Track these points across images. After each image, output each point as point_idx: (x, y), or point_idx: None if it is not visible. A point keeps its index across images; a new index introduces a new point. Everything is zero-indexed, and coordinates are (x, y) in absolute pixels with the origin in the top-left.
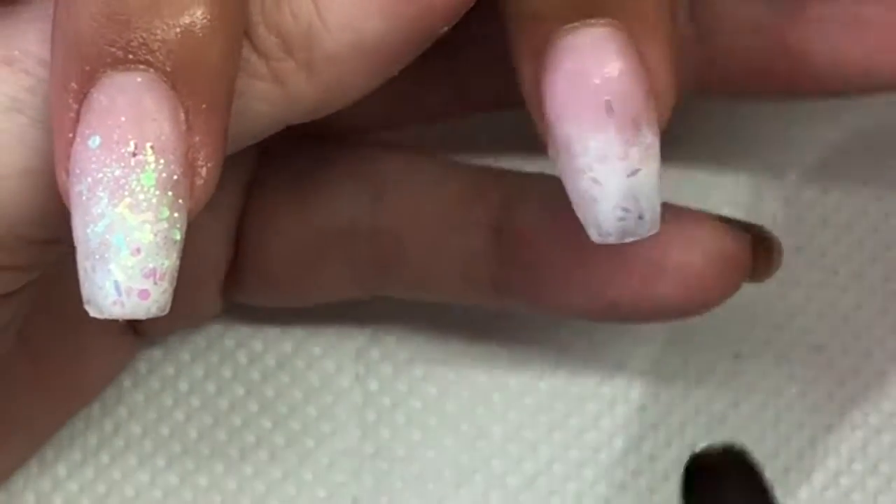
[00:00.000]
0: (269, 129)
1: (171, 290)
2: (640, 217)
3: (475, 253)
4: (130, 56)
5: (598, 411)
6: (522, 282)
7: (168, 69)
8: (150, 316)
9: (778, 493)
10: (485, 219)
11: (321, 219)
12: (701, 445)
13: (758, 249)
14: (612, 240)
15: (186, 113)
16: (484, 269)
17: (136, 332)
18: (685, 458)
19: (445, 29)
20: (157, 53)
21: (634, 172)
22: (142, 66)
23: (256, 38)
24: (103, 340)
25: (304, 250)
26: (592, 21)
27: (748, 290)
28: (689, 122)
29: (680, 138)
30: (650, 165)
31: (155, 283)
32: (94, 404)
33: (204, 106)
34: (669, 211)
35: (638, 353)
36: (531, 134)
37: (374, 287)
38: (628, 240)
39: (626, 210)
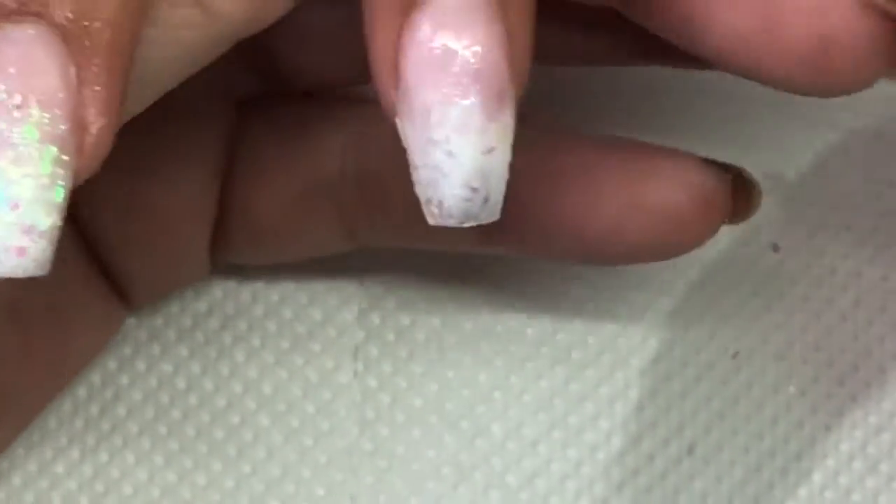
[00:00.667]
0: (203, 55)
1: (51, 251)
2: (486, 199)
3: None
4: (23, 7)
5: (596, 410)
6: (507, 221)
7: (60, 22)
8: (28, 274)
9: (776, 492)
10: None
11: (307, 168)
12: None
13: (737, 190)
14: (452, 222)
15: (78, 68)
16: None
17: (123, 299)
18: (683, 457)
19: None
20: (50, 6)
21: (490, 150)
22: (33, 19)
23: None
24: (90, 309)
25: (291, 201)
26: None
27: (745, 291)
28: (683, 124)
29: (674, 141)
30: (505, 145)
31: (33, 241)
32: (92, 405)
33: (97, 61)
34: (647, 147)
35: (636, 353)
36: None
37: (363, 236)
38: (468, 223)
39: (474, 190)
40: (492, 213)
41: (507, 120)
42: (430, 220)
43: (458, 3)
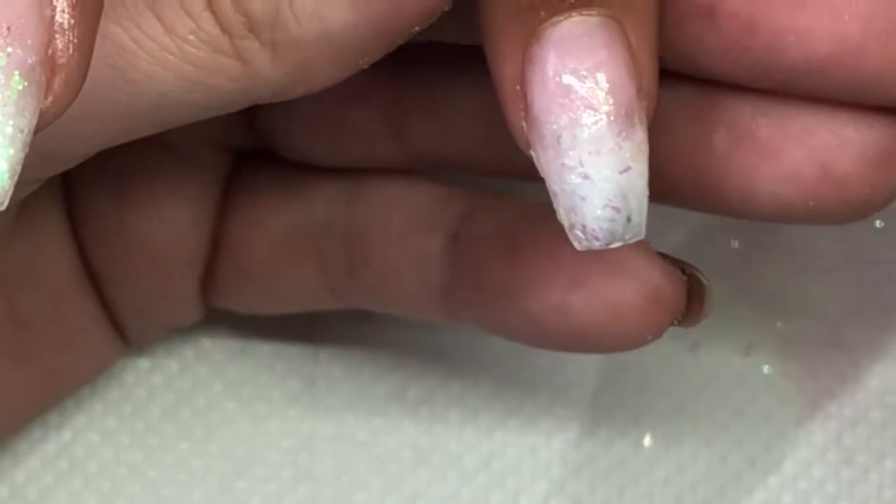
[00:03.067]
0: (230, 105)
1: (10, 184)
2: (629, 219)
3: (431, 257)
4: None
5: (551, 398)
6: (465, 292)
7: None
8: None
9: (743, 483)
10: (445, 224)
11: (295, 213)
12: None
13: (691, 293)
14: (597, 244)
15: (52, 3)
16: (437, 275)
17: (120, 333)
18: (641, 443)
19: (417, 29)
20: None
21: (626, 169)
22: None
23: (221, 13)
24: (88, 334)
25: (278, 248)
26: (584, 11)
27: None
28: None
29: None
30: (641, 163)
31: None
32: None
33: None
34: None
35: None
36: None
37: (344, 294)
38: (614, 245)
39: (615, 209)
40: (636, 233)
41: (640, 137)
42: (577, 245)
43: (576, 29)
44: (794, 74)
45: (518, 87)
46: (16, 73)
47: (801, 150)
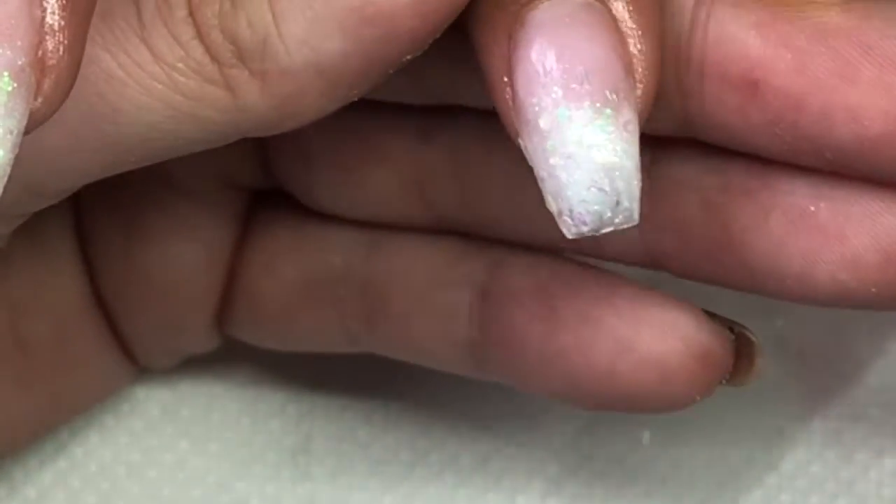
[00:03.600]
0: (220, 138)
1: (0, 187)
2: (617, 203)
3: (457, 313)
4: None
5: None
6: (497, 349)
7: None
8: None
9: (742, 481)
10: (470, 278)
11: (315, 263)
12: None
13: (739, 351)
14: (586, 229)
15: (42, 5)
16: (464, 331)
17: (132, 360)
18: (639, 441)
19: (408, 58)
20: None
21: (612, 150)
22: None
23: (210, 42)
24: (97, 358)
25: (294, 293)
26: None
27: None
28: None
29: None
30: (628, 144)
31: None
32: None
33: (62, 2)
34: (648, 293)
35: None
36: None
37: (361, 340)
38: (605, 230)
39: (602, 191)
40: (628, 218)
41: (627, 117)
42: (566, 233)
43: (559, 11)
44: (845, 153)
45: (504, 77)
46: (5, 74)
47: (863, 235)
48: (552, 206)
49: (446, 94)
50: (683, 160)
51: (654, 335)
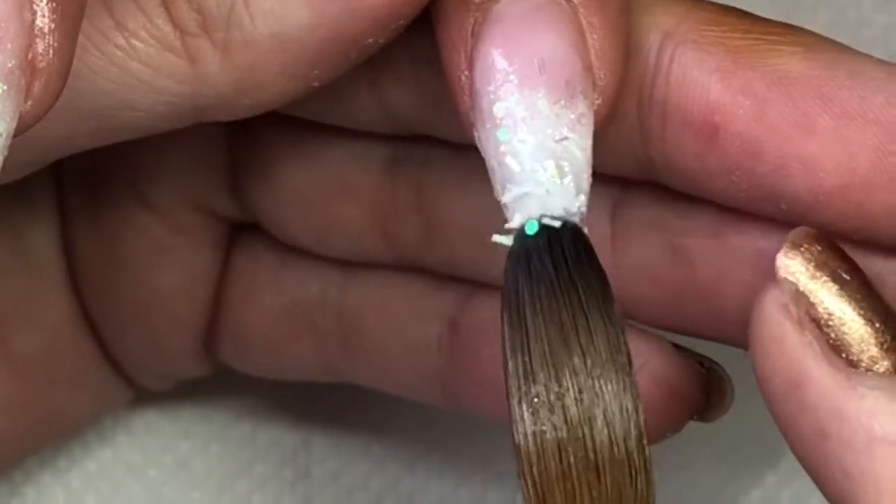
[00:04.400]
0: (178, 115)
1: None
2: (566, 193)
3: (428, 346)
4: None
5: None
6: (465, 382)
7: None
8: None
9: (742, 481)
10: (441, 311)
11: (293, 292)
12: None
13: (710, 387)
14: (533, 218)
15: (33, 8)
16: (435, 364)
17: (127, 381)
18: None
19: (371, 41)
20: None
21: (563, 139)
22: None
23: (175, 10)
24: (92, 376)
25: (274, 322)
26: None
27: None
28: None
29: None
30: (579, 136)
31: None
32: None
33: (51, 3)
34: None
35: None
36: None
37: (338, 370)
38: (552, 221)
39: (550, 180)
40: (576, 210)
41: (580, 109)
42: (512, 223)
43: (520, 6)
44: (799, 204)
45: (464, 70)
46: None
47: None
48: (500, 195)
49: (414, 124)
50: (649, 201)
51: None
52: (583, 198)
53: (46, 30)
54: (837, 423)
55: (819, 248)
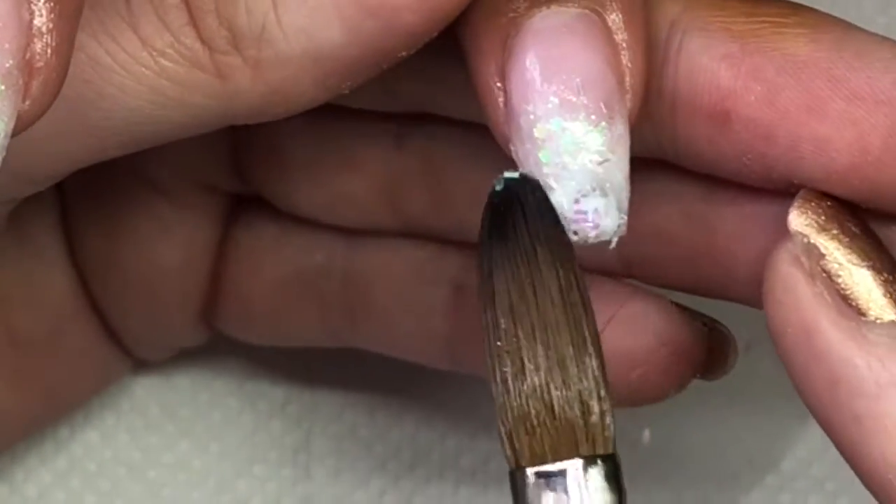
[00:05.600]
0: (207, 124)
1: None
2: (608, 213)
3: (433, 308)
4: None
5: None
6: (471, 345)
7: None
8: None
9: (742, 481)
10: (446, 275)
11: (296, 261)
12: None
13: (713, 345)
14: (576, 238)
15: (31, 7)
16: (440, 327)
17: (126, 352)
18: (640, 440)
19: (404, 54)
20: None
21: (603, 161)
22: None
23: (204, 28)
24: (90, 352)
25: (277, 291)
26: (563, 3)
27: None
28: None
29: None
30: (619, 155)
31: None
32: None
33: (49, 3)
34: (620, 287)
35: None
36: None
37: (343, 335)
38: (593, 240)
39: (592, 201)
40: (617, 230)
41: (620, 129)
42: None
43: (554, 20)
44: (813, 184)
45: (497, 82)
46: None
47: None
48: None
49: (419, 103)
50: (663, 171)
51: (625, 328)
52: (623, 217)
53: (44, 29)
54: (848, 370)
55: (829, 203)
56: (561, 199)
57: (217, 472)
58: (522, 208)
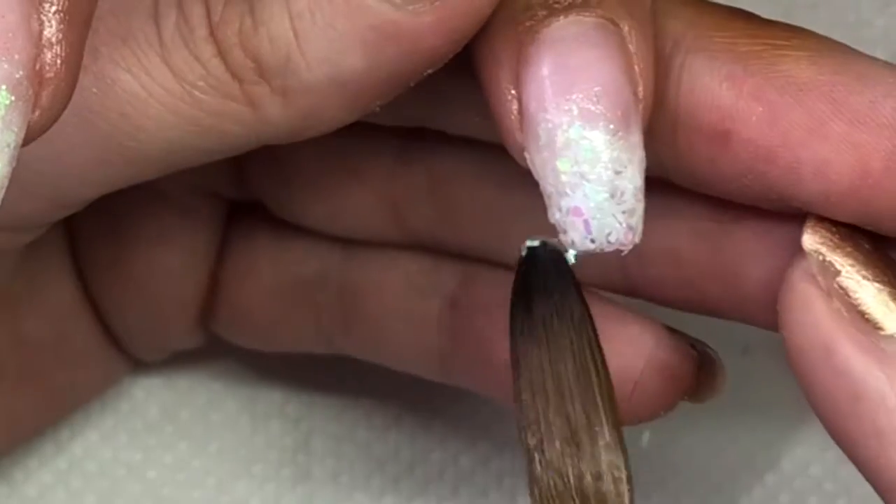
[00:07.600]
0: (241, 148)
1: None
2: (623, 222)
3: (427, 322)
4: None
5: None
6: (464, 358)
7: None
8: None
9: (741, 481)
10: (441, 289)
11: (293, 269)
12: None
13: (702, 369)
14: (593, 246)
15: (40, 18)
16: (434, 341)
17: (126, 354)
18: (639, 441)
19: (430, 72)
20: None
21: (620, 171)
22: None
23: (231, 60)
24: (93, 354)
25: (273, 298)
26: (581, 12)
27: None
28: None
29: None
30: (636, 165)
31: None
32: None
33: (59, 16)
34: (613, 308)
35: None
36: None
37: (336, 343)
38: (608, 248)
39: (608, 209)
40: (634, 235)
41: (635, 140)
42: (570, 249)
43: (572, 30)
44: (812, 206)
45: (512, 90)
46: (3, 87)
47: None
48: (557, 221)
49: (419, 119)
50: (669, 189)
51: (616, 350)
52: (639, 225)
53: (54, 40)
54: (869, 385)
55: (840, 221)
56: (579, 205)
57: (216, 473)
58: (543, 278)
